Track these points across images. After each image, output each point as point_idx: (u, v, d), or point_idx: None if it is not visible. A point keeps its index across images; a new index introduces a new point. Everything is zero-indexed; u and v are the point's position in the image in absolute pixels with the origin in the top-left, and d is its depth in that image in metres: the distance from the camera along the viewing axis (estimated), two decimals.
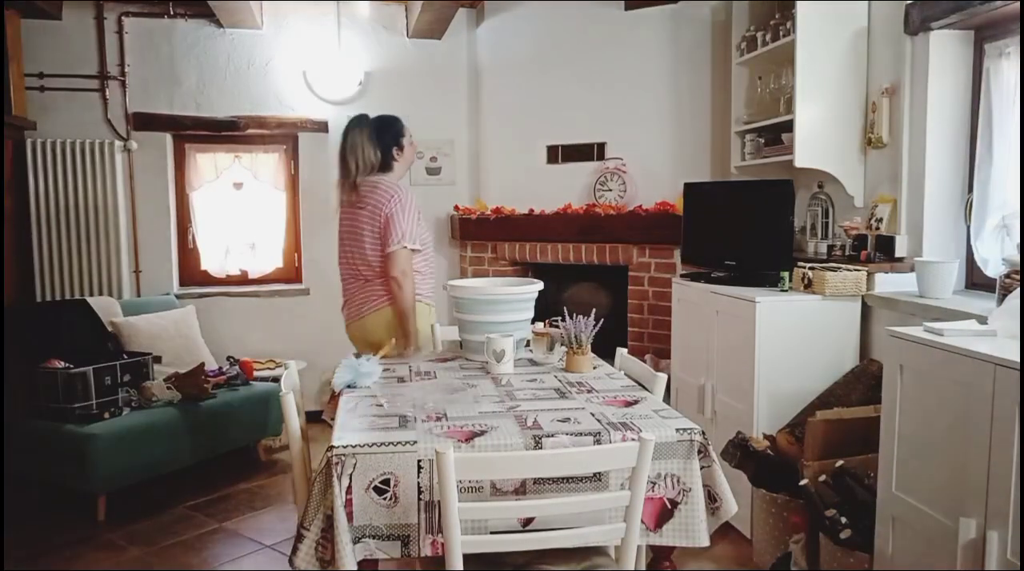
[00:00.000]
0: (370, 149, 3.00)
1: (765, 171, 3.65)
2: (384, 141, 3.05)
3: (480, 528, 1.77)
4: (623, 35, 4.35)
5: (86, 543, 3.23)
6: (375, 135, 3.03)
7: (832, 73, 3.16)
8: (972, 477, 1.84)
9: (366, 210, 2.98)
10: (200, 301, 4.75)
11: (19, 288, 4.30)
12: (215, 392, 3.93)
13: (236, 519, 3.48)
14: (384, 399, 2.14)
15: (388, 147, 3.06)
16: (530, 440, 1.81)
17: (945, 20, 2.71)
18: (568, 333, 2.49)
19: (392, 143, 3.08)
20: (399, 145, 3.10)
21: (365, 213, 2.98)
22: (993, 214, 2.65)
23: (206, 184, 4.89)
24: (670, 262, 4.19)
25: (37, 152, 4.33)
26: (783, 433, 2.84)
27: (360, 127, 3.05)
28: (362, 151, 2.99)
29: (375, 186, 2.99)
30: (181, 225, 4.89)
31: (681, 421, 1.94)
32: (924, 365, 2.04)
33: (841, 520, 2.35)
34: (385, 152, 3.05)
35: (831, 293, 2.93)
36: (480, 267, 4.95)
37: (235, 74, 4.79)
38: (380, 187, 2.98)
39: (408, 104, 5.04)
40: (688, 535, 1.86)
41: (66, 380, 3.49)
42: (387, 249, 2.91)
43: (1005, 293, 2.26)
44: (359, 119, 3.09)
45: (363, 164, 3.00)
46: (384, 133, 3.07)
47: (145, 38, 4.65)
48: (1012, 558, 1.73)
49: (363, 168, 3.00)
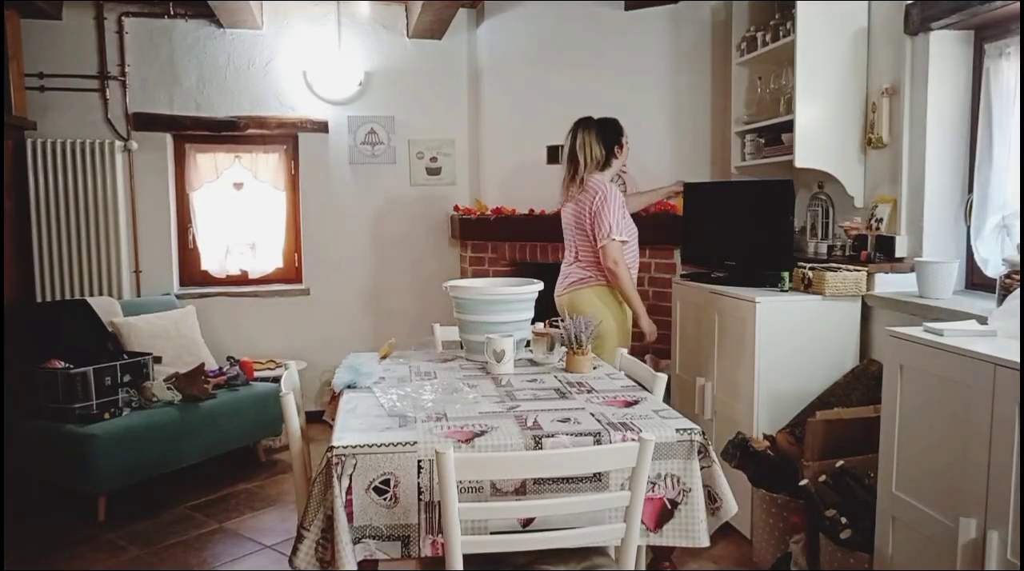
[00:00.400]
0: (597, 147, 3.37)
1: (765, 171, 3.65)
2: (607, 140, 3.41)
3: (480, 528, 1.77)
4: (623, 35, 4.35)
5: (86, 543, 3.23)
6: (600, 135, 3.40)
7: (832, 73, 3.16)
8: (972, 477, 1.84)
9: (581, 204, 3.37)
10: (200, 301, 4.75)
11: (19, 288, 4.31)
12: (215, 392, 3.93)
13: (236, 519, 3.48)
14: (384, 400, 2.14)
15: (611, 146, 3.42)
16: (530, 440, 1.81)
17: (945, 20, 2.71)
18: (568, 333, 2.49)
19: (614, 142, 3.43)
20: (620, 144, 3.45)
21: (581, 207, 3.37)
22: (993, 214, 2.65)
23: (206, 184, 4.89)
24: (670, 262, 4.19)
25: (37, 152, 4.33)
26: (783, 433, 2.84)
27: (588, 127, 3.42)
28: (590, 149, 3.37)
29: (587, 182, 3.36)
30: (181, 225, 4.90)
31: (681, 421, 1.95)
32: (924, 365, 2.04)
33: (841, 520, 2.35)
34: (608, 151, 3.41)
35: (831, 293, 2.93)
36: (480, 267, 4.94)
37: (235, 74, 4.79)
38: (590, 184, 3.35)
39: (408, 104, 5.07)
40: (688, 535, 1.86)
41: (66, 380, 3.50)
42: (599, 242, 3.26)
43: (1005, 293, 2.26)
44: (587, 120, 3.45)
45: (590, 161, 3.36)
46: (607, 132, 3.42)
47: (145, 38, 4.65)
48: (1012, 558, 1.73)
49: (590, 164, 3.36)
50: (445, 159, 5.16)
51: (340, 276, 5.08)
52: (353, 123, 4.99)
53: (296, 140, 4.95)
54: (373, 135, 5.03)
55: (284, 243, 5.06)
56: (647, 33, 4.27)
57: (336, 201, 5.02)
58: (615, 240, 3.25)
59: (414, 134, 5.09)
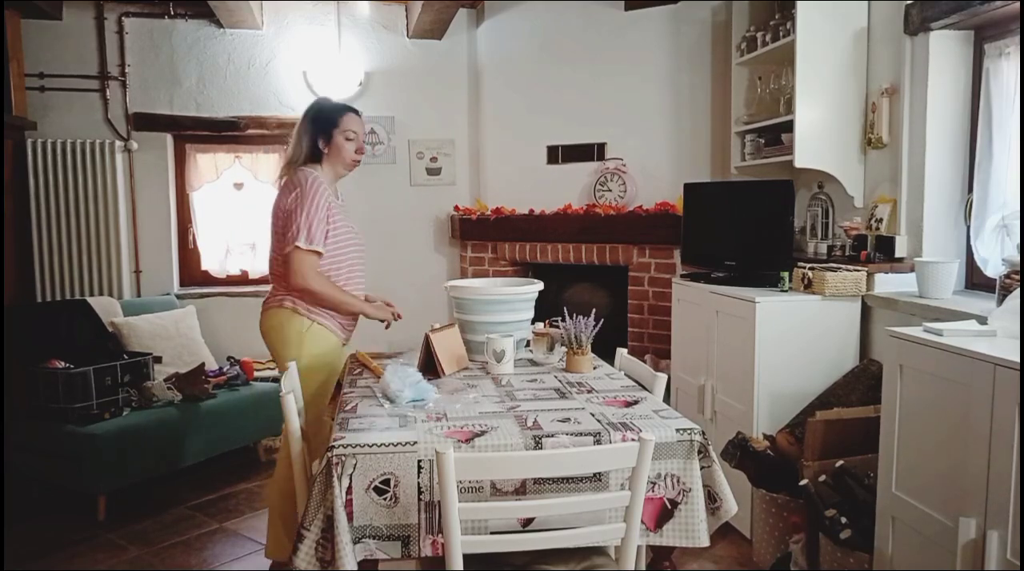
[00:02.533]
0: (304, 135, 2.72)
1: (765, 171, 3.65)
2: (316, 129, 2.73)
3: (480, 528, 1.77)
4: (623, 35, 4.35)
5: (86, 543, 3.23)
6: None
7: (832, 73, 3.16)
8: (972, 477, 1.84)
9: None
10: (200, 301, 4.75)
11: (19, 288, 4.31)
12: (215, 392, 3.94)
13: (236, 519, 3.48)
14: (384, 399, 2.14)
15: (315, 136, 2.73)
16: (530, 440, 1.81)
17: (945, 20, 2.72)
18: (568, 333, 2.49)
19: (319, 132, 2.73)
20: (328, 137, 2.74)
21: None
22: (993, 214, 2.65)
23: (206, 184, 4.89)
24: (670, 262, 4.19)
25: (37, 152, 4.33)
26: (783, 433, 2.84)
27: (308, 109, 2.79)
28: (297, 135, 2.74)
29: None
30: (181, 225, 4.90)
31: (681, 421, 1.94)
32: (924, 365, 2.04)
33: (841, 520, 2.35)
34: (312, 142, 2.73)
35: (831, 293, 2.93)
36: (480, 267, 4.95)
37: (235, 74, 4.79)
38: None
39: (408, 104, 5.06)
40: (688, 535, 1.86)
41: (66, 380, 3.50)
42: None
43: (1005, 293, 2.26)
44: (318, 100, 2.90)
45: (296, 148, 2.72)
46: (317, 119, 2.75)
47: (145, 38, 4.65)
48: (1012, 558, 1.73)
49: (294, 152, 2.72)
50: (445, 159, 5.16)
51: None
52: None
53: None
54: (373, 135, 5.03)
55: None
56: (647, 33, 4.28)
57: None
58: (300, 248, 2.56)
59: (414, 134, 5.09)
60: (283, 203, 2.67)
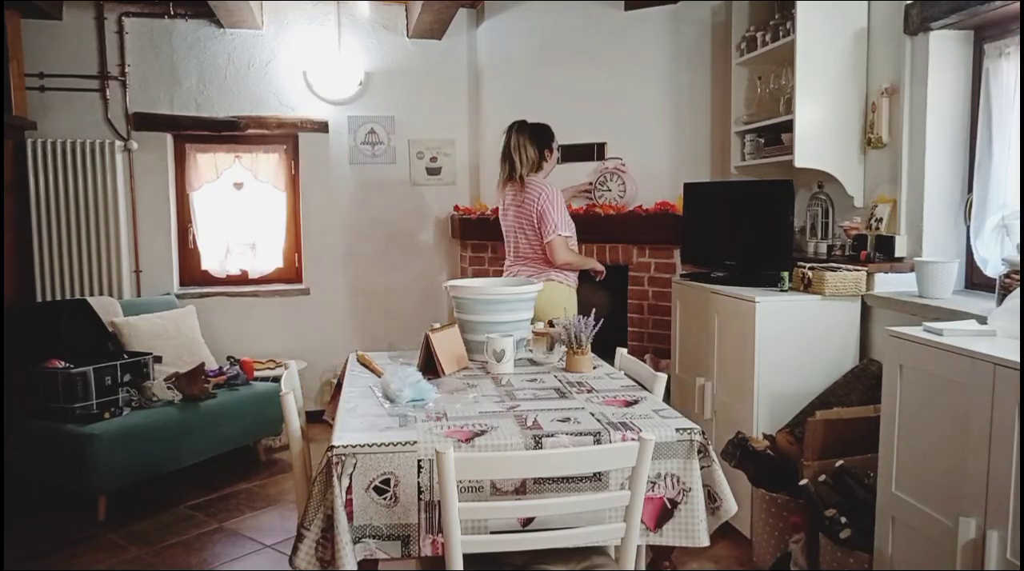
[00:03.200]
0: (531, 149, 3.50)
1: (765, 171, 3.65)
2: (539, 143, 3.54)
3: (480, 528, 1.77)
4: (623, 35, 4.35)
5: (86, 543, 3.23)
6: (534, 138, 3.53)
7: (832, 73, 3.16)
8: (972, 477, 1.84)
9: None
10: (200, 301, 4.76)
11: (19, 288, 4.31)
12: (215, 392, 3.94)
13: (236, 519, 3.48)
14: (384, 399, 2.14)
15: (542, 149, 3.55)
16: (530, 440, 1.81)
17: (945, 20, 2.71)
18: (568, 333, 2.49)
19: (544, 146, 3.56)
20: (550, 148, 3.59)
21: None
22: (993, 214, 2.65)
23: (206, 184, 4.89)
24: (670, 262, 4.19)
25: (37, 152, 4.33)
26: (783, 433, 2.84)
27: (521, 129, 3.53)
28: (524, 150, 3.49)
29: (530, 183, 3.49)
30: (181, 225, 4.90)
31: (681, 421, 1.95)
32: (924, 365, 2.04)
33: (841, 520, 2.35)
34: (540, 153, 3.54)
35: (831, 293, 2.93)
36: (480, 267, 4.94)
37: (235, 74, 4.79)
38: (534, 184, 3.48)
39: (408, 104, 5.07)
40: (688, 535, 1.86)
41: (66, 380, 3.50)
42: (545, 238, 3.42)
43: (1005, 293, 2.26)
44: (521, 123, 3.56)
45: (525, 162, 3.49)
46: (539, 136, 3.55)
47: (145, 38, 4.65)
48: (1012, 558, 1.73)
49: (525, 165, 3.49)
50: (445, 159, 5.16)
51: (340, 276, 5.09)
52: (353, 123, 4.99)
53: (296, 140, 4.95)
54: (373, 135, 5.03)
55: (284, 243, 5.07)
56: (647, 33, 4.28)
57: (336, 201, 5.03)
58: (560, 236, 3.41)
59: (414, 134, 5.09)
60: (534, 205, 3.46)
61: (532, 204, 3.44)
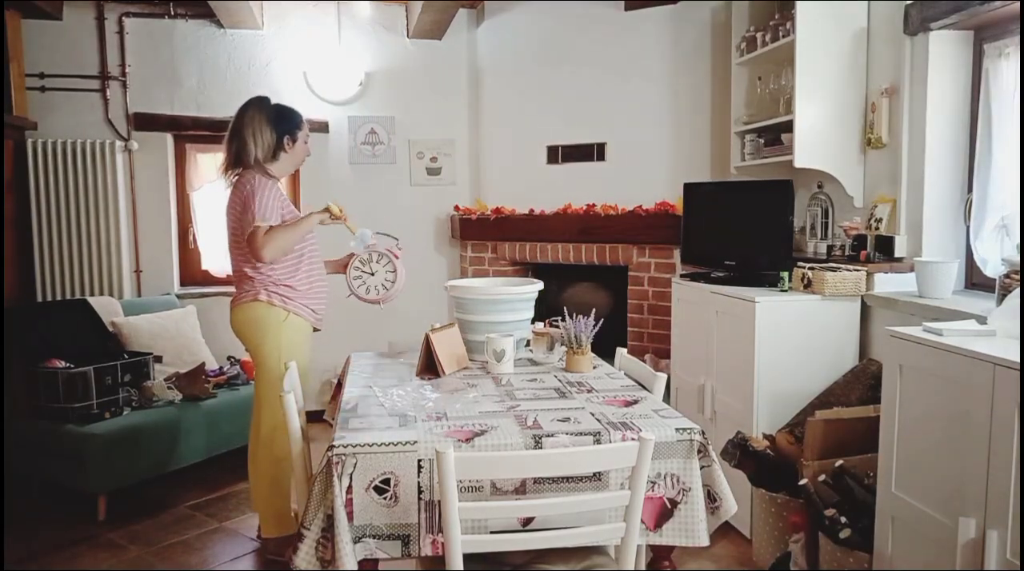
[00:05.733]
0: (268, 131, 2.93)
1: (765, 171, 3.65)
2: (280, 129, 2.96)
3: (480, 528, 1.78)
4: (623, 35, 4.35)
5: (86, 542, 3.23)
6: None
7: (832, 73, 3.16)
8: (972, 477, 1.84)
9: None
10: (200, 301, 4.75)
11: (19, 288, 4.31)
12: (215, 392, 3.94)
13: (236, 519, 3.48)
14: (384, 399, 2.14)
15: (282, 134, 2.96)
16: (530, 440, 1.81)
17: (945, 20, 2.72)
18: (568, 333, 2.49)
19: (285, 132, 2.97)
20: (293, 137, 3.00)
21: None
22: (993, 214, 2.65)
23: (206, 184, 4.89)
24: (670, 262, 4.19)
25: (37, 152, 4.33)
26: (783, 433, 2.84)
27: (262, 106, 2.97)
28: (259, 130, 2.93)
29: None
30: (181, 225, 4.90)
31: (681, 421, 1.95)
32: (924, 365, 2.04)
33: (841, 520, 2.35)
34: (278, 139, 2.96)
35: (831, 293, 2.93)
36: (480, 267, 4.95)
37: (235, 74, 4.79)
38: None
39: (408, 104, 5.07)
40: (688, 535, 1.87)
41: (66, 380, 3.50)
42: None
43: (1005, 293, 2.26)
44: (263, 99, 3.02)
45: (256, 145, 2.93)
46: (282, 119, 2.98)
47: (145, 38, 4.65)
48: (1012, 558, 1.73)
49: (255, 149, 2.93)
50: (445, 159, 5.16)
51: (340, 276, 5.08)
52: (353, 123, 4.99)
53: None
54: (373, 135, 5.03)
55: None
56: (647, 33, 4.28)
57: (336, 201, 5.01)
58: (259, 226, 2.81)
59: (414, 134, 5.10)
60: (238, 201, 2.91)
61: (237, 197, 2.91)
